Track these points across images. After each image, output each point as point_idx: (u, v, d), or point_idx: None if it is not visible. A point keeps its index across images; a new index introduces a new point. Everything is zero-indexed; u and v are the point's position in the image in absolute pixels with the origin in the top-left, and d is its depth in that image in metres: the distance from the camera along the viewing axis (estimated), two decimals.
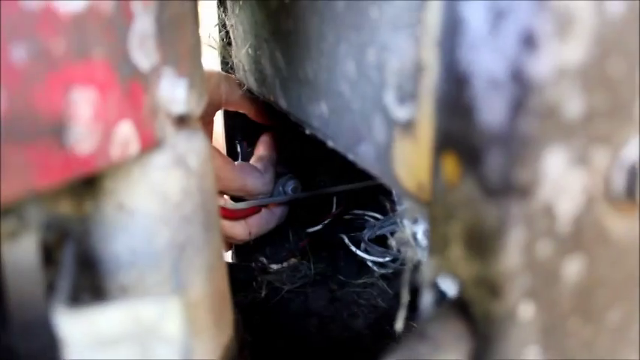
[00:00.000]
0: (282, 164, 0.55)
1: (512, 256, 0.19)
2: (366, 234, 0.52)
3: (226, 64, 0.46)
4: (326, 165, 0.56)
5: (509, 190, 0.18)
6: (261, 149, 0.55)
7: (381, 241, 0.53)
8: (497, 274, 0.19)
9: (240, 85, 0.46)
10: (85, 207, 0.25)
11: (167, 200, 0.25)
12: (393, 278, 0.53)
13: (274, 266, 0.55)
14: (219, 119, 0.54)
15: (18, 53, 0.19)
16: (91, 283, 0.25)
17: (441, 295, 0.24)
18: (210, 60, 0.49)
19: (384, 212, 0.56)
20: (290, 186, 0.53)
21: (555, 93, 0.17)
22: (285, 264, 0.55)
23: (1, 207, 0.20)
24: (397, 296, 0.52)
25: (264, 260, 0.55)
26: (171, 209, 0.25)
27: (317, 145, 0.49)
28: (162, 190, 0.25)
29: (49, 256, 0.23)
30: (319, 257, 0.57)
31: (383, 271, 0.52)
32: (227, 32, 0.44)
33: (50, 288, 0.22)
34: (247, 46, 0.39)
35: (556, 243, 0.19)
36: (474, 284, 0.21)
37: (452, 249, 0.21)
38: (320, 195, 0.55)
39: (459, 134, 0.20)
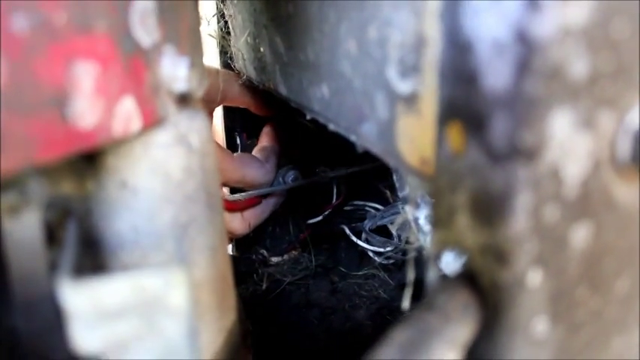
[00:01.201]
0: (282, 155, 0.55)
1: (519, 221, 0.19)
2: (367, 224, 0.52)
3: (225, 53, 0.46)
4: (326, 155, 0.56)
5: (515, 153, 0.18)
6: (264, 140, 0.55)
7: (383, 231, 0.53)
8: (504, 240, 0.19)
9: (240, 75, 0.45)
10: (87, 185, 0.25)
11: (169, 178, 0.25)
12: (394, 269, 0.53)
13: (275, 259, 0.55)
14: (218, 111, 0.54)
15: (19, 23, 0.19)
16: (93, 262, 0.25)
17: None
18: (210, 50, 0.49)
19: (384, 203, 0.56)
20: (290, 176, 0.53)
21: (560, 53, 0.17)
22: (285, 256, 0.55)
23: (2, 180, 0.19)
24: (398, 287, 0.52)
25: (265, 253, 0.55)
26: (174, 188, 0.25)
27: (317, 135, 0.49)
28: (165, 168, 0.25)
29: (52, 235, 0.23)
30: (320, 249, 0.56)
31: (384, 261, 0.52)
32: (226, 22, 0.44)
33: (53, 266, 0.22)
34: (246, 34, 0.39)
35: (563, 208, 0.19)
36: (480, 253, 0.20)
37: (458, 219, 0.21)
38: (320, 183, 0.55)
39: (463, 102, 0.20)
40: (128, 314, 0.19)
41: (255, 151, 0.54)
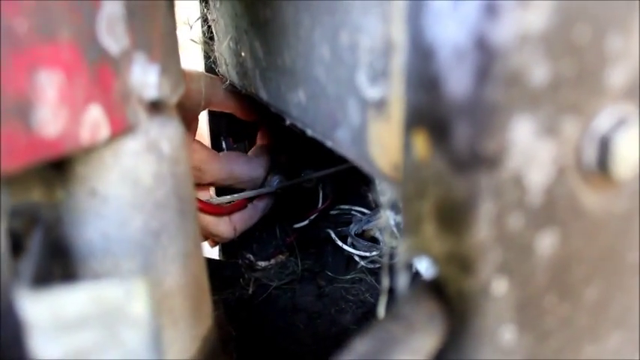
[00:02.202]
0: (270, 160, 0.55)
1: (482, 229, 0.19)
2: (353, 228, 0.51)
3: (208, 58, 0.46)
4: (311, 160, 0.56)
5: (477, 161, 0.18)
6: (258, 140, 0.56)
7: (369, 236, 0.53)
8: (468, 249, 0.19)
9: (223, 81, 0.45)
10: (57, 193, 0.24)
11: (139, 185, 0.25)
12: (381, 273, 0.53)
13: (262, 263, 0.55)
14: (204, 115, 0.54)
15: None
16: (64, 271, 0.25)
17: (416, 276, 0.24)
18: (193, 55, 0.49)
19: (370, 207, 0.56)
20: (275, 181, 0.53)
21: (519, 59, 0.17)
22: (272, 261, 0.55)
23: None
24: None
25: (251, 257, 0.55)
26: (144, 195, 0.25)
27: (301, 140, 0.49)
28: (135, 175, 0.24)
29: (19, 244, 0.23)
30: (307, 254, 0.56)
31: (370, 265, 0.52)
32: (209, 27, 0.43)
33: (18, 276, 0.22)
34: (228, 39, 0.39)
35: (527, 215, 0.19)
36: (446, 261, 0.20)
37: (424, 227, 0.21)
38: (305, 188, 0.55)
39: (427, 109, 0.20)
40: (89, 325, 0.19)
41: (250, 152, 0.55)
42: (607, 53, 0.19)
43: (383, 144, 0.24)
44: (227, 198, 0.51)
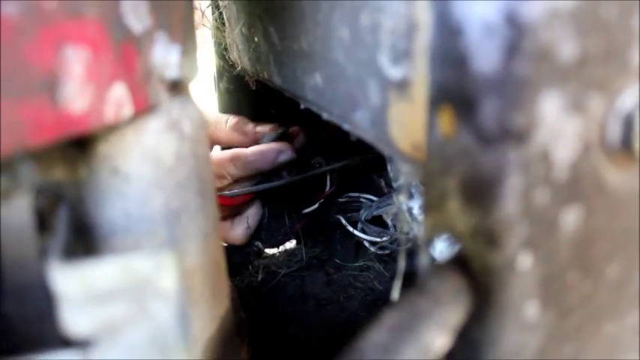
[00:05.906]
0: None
1: (509, 203, 0.19)
2: (363, 214, 0.51)
3: (220, 45, 0.46)
4: (321, 148, 0.56)
5: (505, 135, 0.18)
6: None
7: (378, 223, 0.53)
8: (495, 223, 0.19)
9: (234, 66, 0.45)
10: (79, 172, 0.25)
11: (161, 165, 0.25)
12: (389, 261, 0.53)
13: (270, 251, 0.55)
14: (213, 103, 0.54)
15: (8, 7, 0.18)
16: (85, 249, 0.25)
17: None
18: (206, 42, 0.49)
19: (379, 194, 0.56)
20: (285, 170, 0.53)
21: (548, 35, 0.17)
22: (281, 248, 0.55)
23: None
24: (394, 279, 0.52)
25: (260, 245, 0.55)
26: (165, 174, 0.25)
27: (313, 128, 0.49)
28: (156, 154, 0.25)
29: (43, 221, 0.23)
30: (315, 241, 0.56)
31: (379, 251, 0.52)
32: (220, 13, 0.43)
33: (44, 253, 0.22)
34: (240, 24, 0.39)
35: (553, 191, 0.19)
36: (471, 237, 0.20)
37: (449, 203, 0.21)
38: (316, 176, 0.55)
39: (453, 86, 0.20)
40: (118, 297, 0.19)
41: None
42: (633, 31, 0.19)
43: (404, 124, 0.24)
44: (239, 191, 0.51)
